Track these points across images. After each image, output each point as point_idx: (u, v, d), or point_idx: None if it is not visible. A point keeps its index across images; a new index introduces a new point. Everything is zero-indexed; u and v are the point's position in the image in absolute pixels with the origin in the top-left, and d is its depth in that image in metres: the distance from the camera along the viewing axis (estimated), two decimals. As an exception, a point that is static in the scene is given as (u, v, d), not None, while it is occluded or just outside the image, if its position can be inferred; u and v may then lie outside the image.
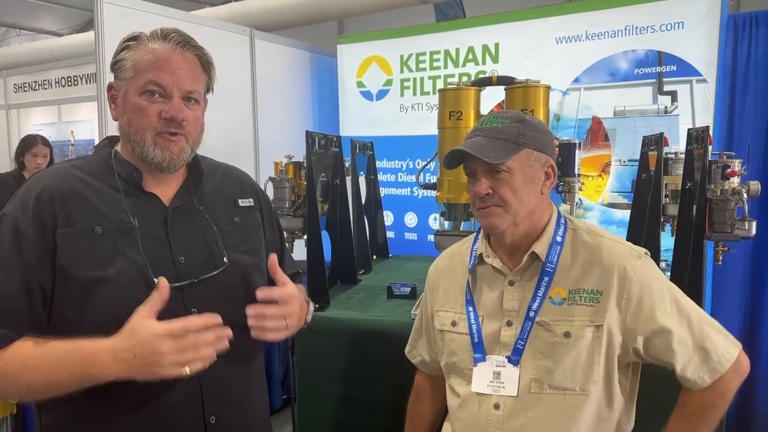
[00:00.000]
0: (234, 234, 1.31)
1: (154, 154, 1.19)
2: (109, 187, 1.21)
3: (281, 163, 2.39)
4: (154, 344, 1.04)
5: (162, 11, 3.23)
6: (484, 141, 1.27)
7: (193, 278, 1.20)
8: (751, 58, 3.22)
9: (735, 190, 1.96)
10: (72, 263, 1.12)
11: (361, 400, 1.99)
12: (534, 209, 1.30)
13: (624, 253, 1.28)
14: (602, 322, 1.23)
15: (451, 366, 1.39)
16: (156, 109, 1.18)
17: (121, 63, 1.19)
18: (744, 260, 3.25)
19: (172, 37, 1.21)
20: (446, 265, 1.49)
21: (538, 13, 3.55)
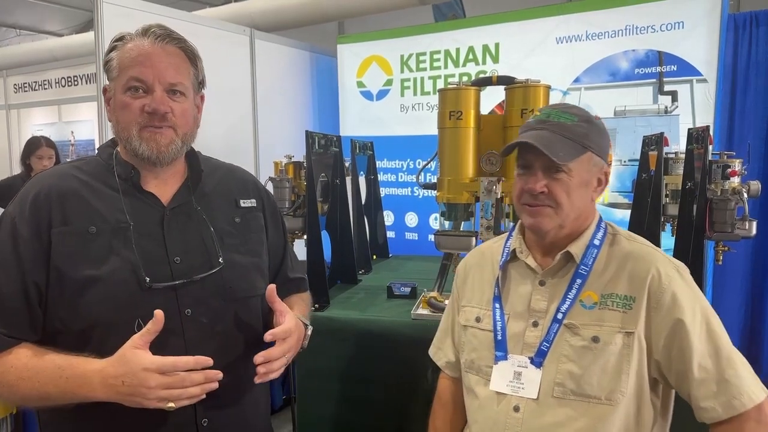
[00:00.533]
0: (233, 234, 1.30)
1: (141, 149, 1.19)
2: (108, 187, 1.21)
3: (281, 163, 2.38)
4: (142, 376, 1.05)
5: (162, 11, 3.23)
6: (552, 136, 1.20)
7: (188, 278, 1.19)
8: (752, 58, 3.23)
9: (735, 189, 1.96)
10: (65, 262, 1.13)
11: (361, 399, 1.99)
12: (581, 214, 1.25)
13: (662, 262, 1.22)
14: (634, 330, 1.17)
15: (470, 363, 1.34)
16: (139, 104, 1.18)
17: (109, 64, 1.20)
18: (744, 260, 3.25)
19: (152, 31, 1.21)
20: (476, 262, 1.44)
21: (538, 13, 3.55)
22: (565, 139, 1.20)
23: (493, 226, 1.91)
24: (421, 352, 1.90)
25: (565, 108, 1.27)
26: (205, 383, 1.09)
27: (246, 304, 1.29)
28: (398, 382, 1.94)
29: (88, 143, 6.12)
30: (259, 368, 1.17)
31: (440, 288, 2.13)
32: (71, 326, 1.13)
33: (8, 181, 4.00)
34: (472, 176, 2.02)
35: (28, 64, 6.48)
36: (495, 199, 1.90)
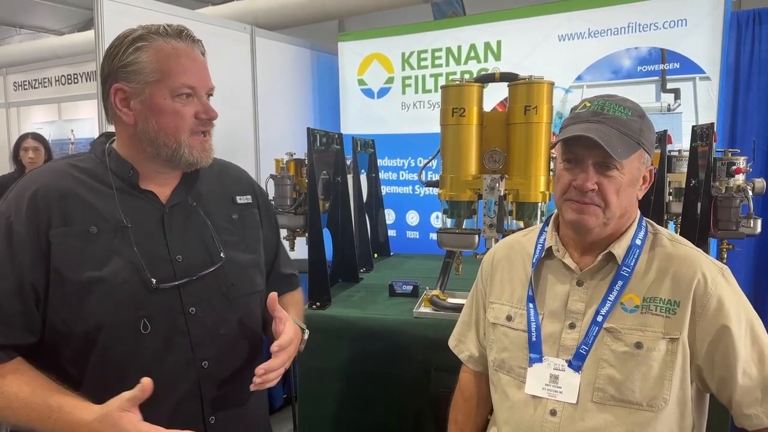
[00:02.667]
0: (231, 231, 1.30)
1: (191, 156, 1.18)
2: (104, 184, 1.18)
3: (282, 161, 2.37)
4: None
5: (162, 8, 3.21)
6: (610, 131, 1.13)
7: (191, 276, 1.18)
8: (755, 55, 3.21)
9: (740, 187, 1.95)
10: (66, 264, 1.10)
11: (363, 398, 1.98)
12: (626, 212, 1.19)
13: (706, 265, 1.17)
14: (678, 336, 1.13)
15: (500, 363, 1.30)
16: (190, 110, 1.17)
17: (136, 66, 1.14)
18: (749, 258, 3.24)
19: (186, 34, 1.20)
20: (504, 256, 1.38)
21: (540, 11, 3.54)
22: (621, 134, 1.13)
23: (495, 224, 1.90)
24: (423, 350, 1.90)
25: (619, 101, 1.20)
26: None
27: (247, 301, 1.30)
28: (400, 381, 1.93)
29: (88, 141, 6.09)
30: (255, 379, 1.16)
31: (442, 286, 2.12)
32: (75, 328, 1.10)
33: (2, 180, 4.01)
34: (474, 173, 2.00)
35: (29, 62, 6.47)
36: (498, 197, 1.89)
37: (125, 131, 1.19)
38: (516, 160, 1.96)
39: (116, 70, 1.16)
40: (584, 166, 1.15)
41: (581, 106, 1.22)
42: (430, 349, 1.87)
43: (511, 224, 2.03)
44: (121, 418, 1.01)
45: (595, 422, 1.16)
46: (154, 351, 1.14)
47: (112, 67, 1.16)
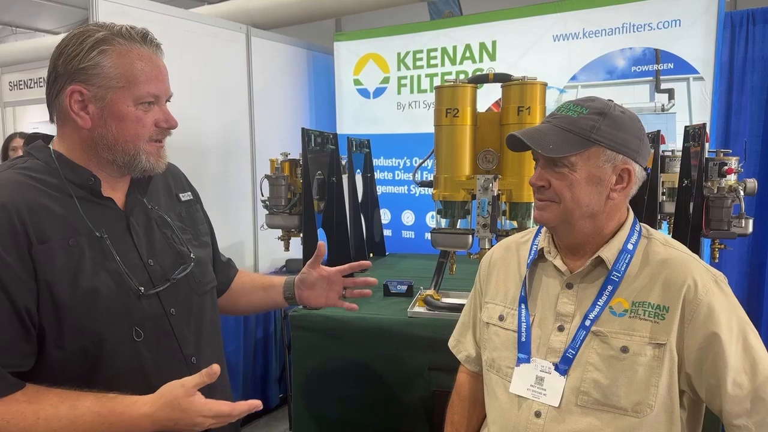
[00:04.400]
0: (184, 229, 1.32)
1: (147, 162, 1.17)
2: (61, 193, 1.12)
3: (277, 161, 2.38)
4: (199, 421, 1.06)
5: (157, 8, 3.20)
6: (550, 129, 1.16)
7: (166, 279, 1.20)
8: (748, 56, 3.23)
9: (732, 187, 1.96)
10: (57, 281, 1.06)
11: (358, 398, 1.98)
12: (596, 213, 1.17)
13: (699, 271, 1.15)
14: (665, 342, 1.12)
15: (491, 362, 1.31)
16: (151, 117, 1.16)
17: (98, 69, 1.10)
18: (741, 257, 3.25)
19: (149, 38, 1.17)
20: (501, 257, 1.39)
21: (535, 11, 3.55)
22: (565, 132, 1.14)
23: (489, 224, 1.91)
24: (417, 350, 1.90)
25: (581, 101, 1.20)
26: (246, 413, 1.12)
27: (212, 294, 1.37)
28: (394, 381, 1.94)
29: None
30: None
31: (437, 286, 2.12)
32: (70, 347, 1.08)
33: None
34: (468, 174, 2.01)
35: (25, 62, 6.45)
36: (492, 197, 1.90)
37: (76, 134, 1.14)
38: (509, 160, 1.97)
39: (74, 72, 1.10)
40: (538, 165, 1.20)
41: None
42: (424, 349, 1.88)
43: (505, 224, 2.04)
44: (191, 402, 1.05)
45: (579, 426, 1.15)
46: (150, 356, 1.16)
47: (69, 68, 1.10)
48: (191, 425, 1.06)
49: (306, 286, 1.51)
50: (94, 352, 1.09)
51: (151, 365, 1.15)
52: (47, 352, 1.07)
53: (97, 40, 1.11)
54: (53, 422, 1.02)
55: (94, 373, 1.10)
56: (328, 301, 1.52)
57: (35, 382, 1.06)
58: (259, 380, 3.91)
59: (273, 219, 2.33)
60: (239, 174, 3.67)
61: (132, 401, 1.05)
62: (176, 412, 1.04)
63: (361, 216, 2.86)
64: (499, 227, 1.96)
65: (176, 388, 1.05)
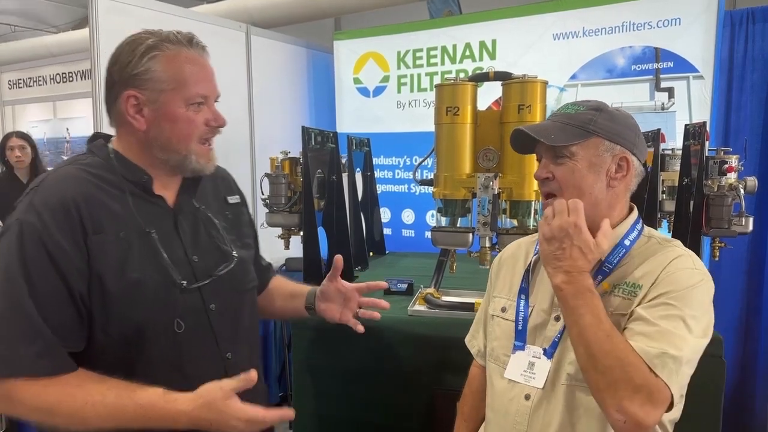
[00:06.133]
0: (229, 230, 1.37)
1: (197, 164, 1.24)
2: (116, 189, 1.20)
3: (277, 159, 2.37)
4: (233, 424, 1.10)
5: (157, 6, 3.21)
6: (551, 124, 1.23)
7: (209, 275, 1.25)
8: (748, 54, 3.22)
9: (732, 186, 1.95)
10: (106, 270, 1.13)
11: (356, 396, 1.99)
12: (597, 202, 1.21)
13: (682, 260, 1.18)
14: (627, 312, 1.15)
15: (491, 352, 1.37)
16: (201, 118, 1.23)
17: (150, 74, 1.18)
18: (741, 256, 3.25)
19: (195, 41, 1.24)
20: (510, 254, 1.46)
21: (534, 10, 3.54)
22: (565, 125, 1.21)
23: (490, 222, 1.91)
24: (417, 348, 1.90)
25: (578, 102, 1.28)
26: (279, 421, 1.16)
27: (252, 294, 1.42)
28: (394, 379, 1.94)
29: (83, 140, 6.07)
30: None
31: (437, 284, 2.12)
32: (114, 334, 1.15)
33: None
34: (469, 172, 2.01)
35: (24, 61, 6.45)
36: (492, 195, 1.90)
37: (133, 136, 1.23)
38: (510, 158, 1.97)
39: (128, 78, 1.18)
40: (541, 159, 1.26)
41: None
42: (424, 347, 1.88)
43: (505, 222, 2.04)
44: (227, 406, 1.08)
45: (562, 404, 1.21)
46: (189, 349, 1.22)
47: (124, 75, 1.19)
48: (226, 427, 1.10)
49: (325, 299, 1.54)
50: (135, 340, 1.16)
51: (187, 357, 1.21)
52: (94, 337, 1.15)
53: (147, 46, 1.19)
54: (99, 408, 1.08)
55: (134, 360, 1.16)
56: (342, 317, 1.54)
57: (81, 365, 1.13)
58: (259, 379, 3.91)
59: (273, 217, 2.33)
60: (239, 172, 3.59)
61: (172, 398, 1.10)
62: (213, 413, 1.08)
63: (361, 214, 2.86)
64: (499, 225, 1.96)
65: (215, 390, 1.09)
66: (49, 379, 1.09)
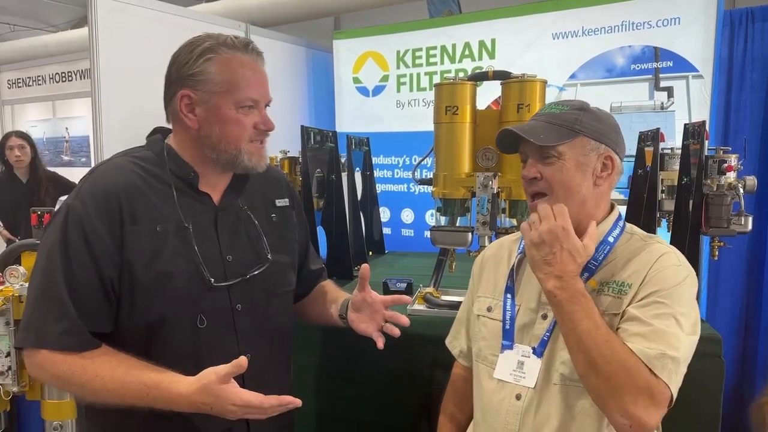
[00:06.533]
0: (272, 233, 1.38)
1: (249, 162, 1.27)
2: (163, 183, 1.25)
3: (276, 159, 2.37)
4: (230, 409, 1.11)
5: (157, 6, 3.20)
6: (537, 125, 1.24)
7: (240, 276, 1.27)
8: (747, 54, 3.23)
9: (731, 185, 1.95)
10: (138, 260, 1.18)
11: (355, 395, 1.98)
12: (585, 201, 1.23)
13: (668, 258, 1.20)
14: (619, 311, 1.16)
15: (478, 352, 1.36)
16: (251, 120, 1.27)
17: (204, 76, 1.22)
18: (740, 255, 3.25)
19: (252, 48, 1.28)
20: (493, 254, 1.46)
21: (534, 9, 3.54)
22: (551, 125, 1.22)
23: (489, 222, 1.91)
24: (416, 347, 1.90)
25: (561, 102, 1.30)
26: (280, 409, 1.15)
27: (283, 298, 1.42)
28: (393, 378, 1.93)
29: (82, 139, 6.10)
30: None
31: (436, 284, 2.12)
32: (137, 321, 1.19)
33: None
34: (468, 171, 2.01)
35: (22, 60, 6.44)
36: (491, 195, 1.90)
37: (186, 134, 1.27)
38: (509, 158, 1.97)
39: (184, 78, 1.23)
40: (528, 159, 1.26)
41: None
42: (423, 347, 1.88)
43: (504, 222, 2.04)
44: (222, 390, 1.10)
45: (555, 404, 1.21)
46: (208, 344, 1.24)
47: (180, 74, 1.24)
48: (224, 412, 1.12)
49: (355, 309, 1.51)
50: (157, 330, 1.20)
51: (205, 353, 1.23)
52: (119, 322, 1.20)
53: (204, 49, 1.24)
54: (108, 382, 1.14)
55: (153, 350, 1.20)
56: (367, 330, 1.49)
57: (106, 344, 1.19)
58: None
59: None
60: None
61: (175, 380, 1.13)
62: (210, 397, 1.10)
63: (361, 214, 2.86)
64: (498, 225, 1.96)
65: (210, 374, 1.11)
66: (72, 353, 1.15)
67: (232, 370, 1.10)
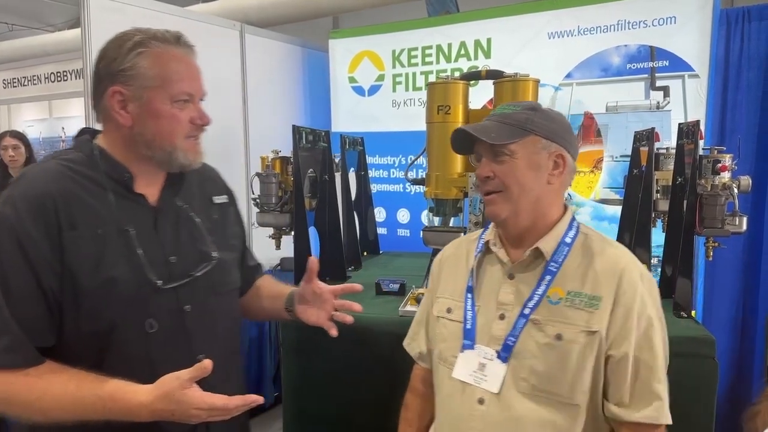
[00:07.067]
0: (213, 231, 1.35)
1: (185, 159, 1.24)
2: (97, 186, 1.20)
3: (268, 158, 2.36)
4: (193, 413, 1.09)
5: (151, 5, 3.19)
6: (490, 124, 1.27)
7: (186, 276, 1.24)
8: (744, 53, 3.21)
9: (725, 185, 1.94)
10: (80, 267, 1.13)
11: (346, 396, 1.97)
12: (539, 198, 1.25)
13: (629, 266, 1.23)
14: (597, 329, 1.19)
15: (439, 354, 1.36)
16: (186, 115, 1.23)
17: (136, 71, 1.18)
18: (737, 255, 3.24)
19: (182, 40, 1.24)
20: (452, 254, 1.46)
21: (529, 8, 3.53)
22: (503, 124, 1.25)
23: (481, 222, 1.90)
24: (407, 349, 1.89)
25: (514, 102, 1.35)
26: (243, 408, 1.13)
27: (231, 296, 1.40)
28: (385, 379, 1.92)
29: (79, 139, 6.07)
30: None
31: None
32: (84, 331, 1.14)
33: None
34: (460, 171, 2.00)
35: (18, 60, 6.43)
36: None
37: (118, 132, 1.23)
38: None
39: (114, 73, 1.19)
40: (481, 159, 1.28)
41: None
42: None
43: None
44: (185, 395, 1.07)
45: (520, 412, 1.21)
46: (160, 348, 1.21)
47: (110, 70, 1.19)
48: (187, 417, 1.09)
49: (302, 301, 1.52)
50: (105, 337, 1.15)
51: (159, 357, 1.20)
52: (64, 332, 1.15)
53: (134, 43, 1.19)
54: (59, 399, 1.09)
55: (104, 358, 1.16)
56: (318, 320, 1.52)
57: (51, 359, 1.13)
58: (254, 379, 3.90)
59: (264, 217, 2.32)
60: (233, 172, 3.64)
61: (132, 390, 1.09)
62: (172, 404, 1.07)
63: (355, 214, 2.85)
64: (490, 225, 1.95)
65: (172, 380, 1.08)
66: (14, 370, 1.09)
67: (196, 374, 1.08)
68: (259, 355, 3.92)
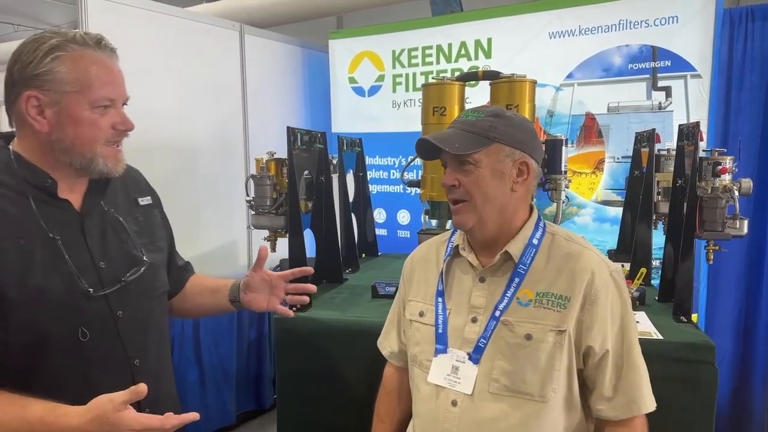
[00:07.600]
0: (141, 234, 1.34)
1: (105, 166, 1.20)
2: (17, 193, 1.15)
3: (262, 160, 2.34)
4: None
5: (149, 6, 3.17)
6: (453, 133, 1.27)
7: (117, 282, 1.23)
8: (747, 53, 3.16)
9: (726, 187, 1.90)
10: (6, 279, 1.09)
11: (341, 400, 1.95)
12: (504, 206, 1.27)
13: (597, 264, 1.26)
14: (566, 329, 1.22)
15: (413, 357, 1.38)
16: (108, 121, 1.19)
17: (53, 75, 1.13)
18: (739, 259, 3.20)
19: (104, 44, 1.20)
20: (422, 256, 1.48)
21: (530, 8, 3.50)
22: (467, 133, 1.25)
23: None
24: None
25: (478, 108, 1.33)
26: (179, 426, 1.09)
27: (161, 299, 1.39)
28: (379, 383, 1.90)
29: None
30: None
31: (424, 288, 2.08)
32: (13, 344, 1.10)
33: None
34: (456, 174, 1.97)
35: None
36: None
37: (35, 138, 1.17)
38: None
39: (29, 78, 1.13)
40: (447, 167, 1.29)
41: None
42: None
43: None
44: (120, 417, 1.03)
45: (492, 412, 1.23)
46: (94, 357, 1.18)
47: (24, 75, 1.14)
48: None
49: (250, 290, 1.51)
50: (37, 349, 1.12)
51: (94, 365, 1.18)
52: None
53: (51, 46, 1.14)
54: None
55: (37, 369, 1.12)
56: (269, 305, 1.52)
57: None
58: (252, 381, 3.90)
59: (259, 219, 2.30)
60: (232, 173, 3.64)
61: (63, 412, 1.04)
62: (105, 426, 1.03)
63: (353, 216, 2.83)
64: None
65: (105, 403, 1.03)
66: None
67: (130, 397, 1.03)
68: (258, 357, 3.92)
